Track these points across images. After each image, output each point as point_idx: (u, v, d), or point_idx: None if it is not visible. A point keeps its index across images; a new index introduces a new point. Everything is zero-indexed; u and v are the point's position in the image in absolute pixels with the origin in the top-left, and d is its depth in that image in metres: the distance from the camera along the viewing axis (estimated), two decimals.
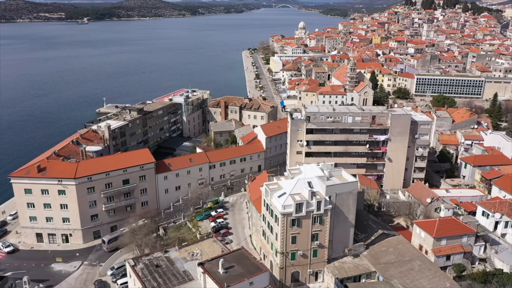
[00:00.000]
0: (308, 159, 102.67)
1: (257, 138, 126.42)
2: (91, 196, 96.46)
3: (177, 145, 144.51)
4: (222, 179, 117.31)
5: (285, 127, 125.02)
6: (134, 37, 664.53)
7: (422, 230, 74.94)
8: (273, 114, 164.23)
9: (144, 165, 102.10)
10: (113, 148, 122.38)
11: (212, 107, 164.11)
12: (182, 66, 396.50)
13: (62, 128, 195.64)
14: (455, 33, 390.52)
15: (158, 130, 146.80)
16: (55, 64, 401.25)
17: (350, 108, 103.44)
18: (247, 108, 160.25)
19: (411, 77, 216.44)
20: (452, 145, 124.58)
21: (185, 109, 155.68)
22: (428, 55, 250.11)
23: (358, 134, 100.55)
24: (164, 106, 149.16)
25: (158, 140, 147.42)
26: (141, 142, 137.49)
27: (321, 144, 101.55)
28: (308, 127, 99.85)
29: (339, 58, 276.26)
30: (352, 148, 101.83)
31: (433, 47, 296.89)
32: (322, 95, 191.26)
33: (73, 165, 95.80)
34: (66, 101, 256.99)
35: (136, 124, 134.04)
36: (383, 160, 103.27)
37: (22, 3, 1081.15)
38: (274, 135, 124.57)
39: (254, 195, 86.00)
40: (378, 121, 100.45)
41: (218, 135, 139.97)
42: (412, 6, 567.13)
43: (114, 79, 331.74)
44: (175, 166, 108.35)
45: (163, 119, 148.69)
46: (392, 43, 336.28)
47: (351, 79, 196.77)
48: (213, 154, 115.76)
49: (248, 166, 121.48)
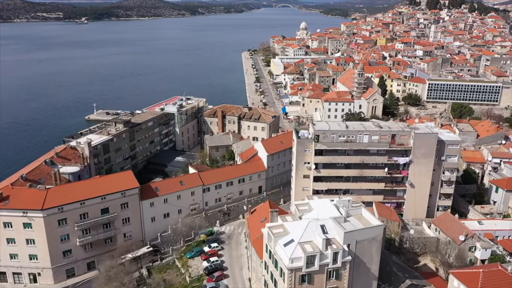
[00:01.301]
0: (317, 185, 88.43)
1: (258, 155, 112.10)
2: (62, 229, 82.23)
3: (169, 161, 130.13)
4: (217, 203, 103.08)
5: (289, 142, 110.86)
6: (132, 37, 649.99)
7: (462, 283, 60.61)
8: (275, 125, 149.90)
9: (126, 191, 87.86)
10: (94, 167, 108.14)
11: (208, 116, 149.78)
12: (180, 68, 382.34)
13: (47, 138, 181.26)
14: (463, 34, 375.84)
15: (147, 143, 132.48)
16: (48, 66, 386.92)
17: (365, 125, 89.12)
18: (247, 118, 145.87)
19: (422, 82, 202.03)
20: (478, 164, 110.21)
21: (178, 120, 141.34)
22: (439, 58, 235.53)
23: (375, 155, 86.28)
24: (155, 117, 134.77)
25: (147, 155, 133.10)
26: (127, 158, 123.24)
27: (332, 167, 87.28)
28: (317, 148, 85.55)
29: (344, 61, 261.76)
30: (368, 172, 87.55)
31: (442, 49, 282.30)
32: (327, 103, 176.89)
33: (41, 193, 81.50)
34: (55, 106, 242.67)
35: (122, 138, 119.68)
36: (403, 185, 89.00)
37: (20, 2, 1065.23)
38: (277, 152, 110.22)
39: (254, 233, 71.74)
40: (398, 140, 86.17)
41: (214, 150, 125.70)
42: (417, 6, 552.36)
43: (108, 82, 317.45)
44: (163, 190, 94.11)
45: (153, 131, 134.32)
46: (398, 44, 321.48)
47: (358, 84, 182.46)
48: (207, 175, 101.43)
49: (247, 188, 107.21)
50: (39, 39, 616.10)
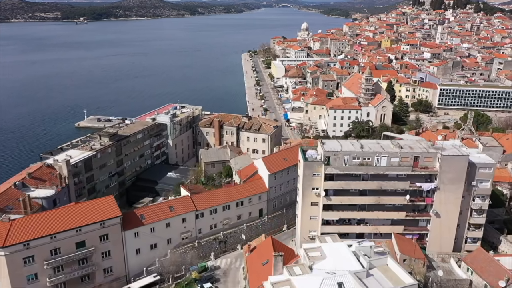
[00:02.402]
0: (327, 214, 76.27)
1: (258, 173, 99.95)
2: (29, 267, 70.02)
3: (160, 177, 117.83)
4: (213, 229, 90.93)
5: (293, 158, 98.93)
6: (130, 38, 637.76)
7: None
8: (277, 136, 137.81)
9: (106, 221, 75.75)
10: (74, 188, 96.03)
11: (204, 126, 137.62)
12: (178, 70, 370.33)
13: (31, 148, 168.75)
14: (470, 35, 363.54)
15: (137, 157, 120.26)
16: (42, 67, 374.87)
17: (383, 144, 76.90)
18: (246, 129, 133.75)
19: (433, 88, 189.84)
20: (505, 183, 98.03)
21: (171, 131, 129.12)
22: (450, 62, 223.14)
23: (395, 181, 74.14)
24: (145, 128, 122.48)
25: (137, 170, 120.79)
26: (114, 175, 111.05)
27: (345, 193, 75.14)
28: (328, 172, 73.41)
29: (349, 64, 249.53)
30: (387, 200, 75.43)
31: (451, 51, 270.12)
32: (332, 110, 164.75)
33: (4, 226, 69.32)
34: (45, 111, 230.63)
35: (107, 153, 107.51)
36: (427, 214, 76.84)
37: (18, 2, 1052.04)
38: (280, 170, 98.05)
39: (254, 280, 59.75)
40: (422, 163, 74.03)
41: (210, 166, 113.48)
42: (420, 6, 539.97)
43: (103, 85, 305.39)
44: (149, 218, 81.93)
45: (143, 143, 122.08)
46: (404, 46, 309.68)
47: (366, 90, 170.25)
48: (201, 198, 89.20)
49: (246, 211, 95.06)
50: (35, 40, 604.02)
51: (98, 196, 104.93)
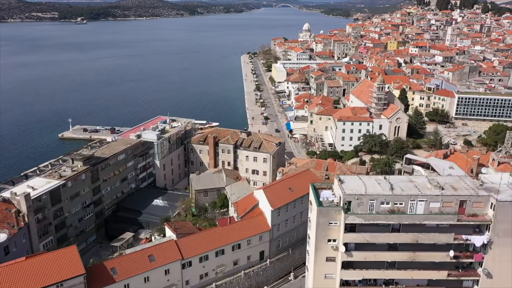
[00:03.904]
0: (347, 273, 59.85)
1: (259, 206, 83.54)
2: None
3: (144, 205, 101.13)
4: (203, 279, 74.59)
5: (300, 187, 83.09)
6: (127, 39, 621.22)
7: None
8: (280, 154, 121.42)
9: (65, 282, 59.40)
10: (37, 227, 79.56)
11: (197, 143, 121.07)
12: (175, 73, 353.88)
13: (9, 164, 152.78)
14: (481, 37, 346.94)
15: (118, 182, 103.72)
16: (33, 70, 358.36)
17: (418, 183, 60.34)
18: (245, 147, 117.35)
19: (451, 96, 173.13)
20: None
21: (159, 150, 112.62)
22: (466, 67, 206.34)
23: (435, 232, 57.70)
24: (128, 147, 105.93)
25: (118, 197, 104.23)
26: (89, 205, 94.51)
27: (370, 248, 58.66)
28: (348, 222, 56.92)
29: (355, 69, 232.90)
30: (424, 256, 58.99)
31: (463, 54, 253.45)
32: (341, 122, 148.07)
33: None
34: (30, 119, 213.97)
35: (80, 180, 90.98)
36: (475, 273, 60.42)
37: (15, 2, 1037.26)
38: (284, 204, 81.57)
39: None
40: (469, 209, 57.61)
41: (202, 194, 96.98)
42: (426, 6, 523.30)
43: (96, 89, 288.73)
44: (123, 272, 65.52)
45: (126, 165, 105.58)
46: (413, 49, 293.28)
47: (378, 100, 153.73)
48: (188, 243, 72.63)
49: (244, 256, 78.59)
50: (30, 40, 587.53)
51: (69, 232, 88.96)
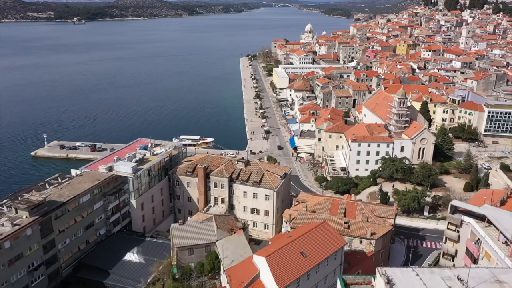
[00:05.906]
0: None
1: (259, 278, 61.53)
2: None
3: (113, 263, 78.42)
4: None
5: (317, 251, 61.52)
6: (123, 40, 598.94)
7: None
8: (285, 188, 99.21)
9: None
10: None
11: (184, 174, 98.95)
12: (170, 78, 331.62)
13: None
14: (496, 39, 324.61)
15: (81, 231, 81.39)
16: (18, 75, 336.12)
17: (501, 279, 38.53)
18: (242, 180, 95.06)
19: (479, 109, 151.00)
20: None
21: (135, 186, 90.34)
22: (493, 75, 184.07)
23: None
24: (95, 185, 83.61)
25: (80, 249, 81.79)
26: (38, 267, 72.25)
27: None
28: None
29: (366, 76, 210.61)
30: None
31: (483, 59, 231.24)
32: (356, 143, 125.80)
33: None
34: (2, 133, 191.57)
35: (24, 237, 68.78)
36: None
37: (10, 1, 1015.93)
38: (296, 279, 59.40)
39: None
40: None
41: (186, 252, 74.71)
42: (433, 6, 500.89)
43: (82, 96, 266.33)
44: None
45: (92, 208, 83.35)
46: (425, 52, 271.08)
47: (399, 117, 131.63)
48: None
49: None
50: (21, 42, 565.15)
51: None
